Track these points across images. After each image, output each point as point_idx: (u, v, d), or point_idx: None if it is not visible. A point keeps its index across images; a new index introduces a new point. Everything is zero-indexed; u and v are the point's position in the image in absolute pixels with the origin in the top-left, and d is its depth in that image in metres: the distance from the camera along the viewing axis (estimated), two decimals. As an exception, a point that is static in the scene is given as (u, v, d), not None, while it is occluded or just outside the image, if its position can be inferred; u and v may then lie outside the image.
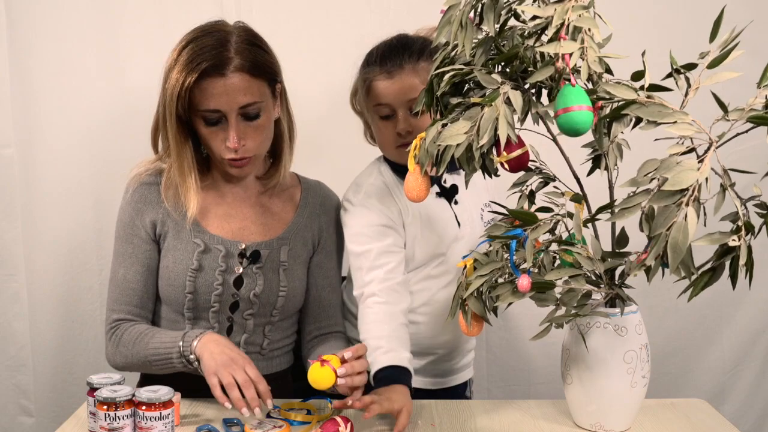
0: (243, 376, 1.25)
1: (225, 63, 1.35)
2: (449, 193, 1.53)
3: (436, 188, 1.51)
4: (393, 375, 1.34)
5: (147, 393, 1.21)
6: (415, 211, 1.49)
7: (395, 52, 1.44)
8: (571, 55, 1.05)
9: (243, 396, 1.24)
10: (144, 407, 1.20)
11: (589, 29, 1.06)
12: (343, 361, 1.25)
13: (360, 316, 1.44)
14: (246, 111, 1.38)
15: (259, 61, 1.39)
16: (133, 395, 1.22)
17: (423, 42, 1.47)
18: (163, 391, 1.22)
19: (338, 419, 1.24)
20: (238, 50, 1.37)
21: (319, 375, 1.24)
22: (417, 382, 1.54)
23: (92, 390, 1.24)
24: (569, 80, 1.05)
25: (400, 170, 1.50)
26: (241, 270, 1.45)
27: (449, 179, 1.53)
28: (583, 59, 1.05)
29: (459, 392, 1.63)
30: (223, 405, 1.24)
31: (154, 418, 1.20)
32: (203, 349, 1.30)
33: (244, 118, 1.39)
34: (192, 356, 1.32)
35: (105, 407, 1.20)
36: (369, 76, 1.46)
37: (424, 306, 1.52)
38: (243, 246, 1.46)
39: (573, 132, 1.06)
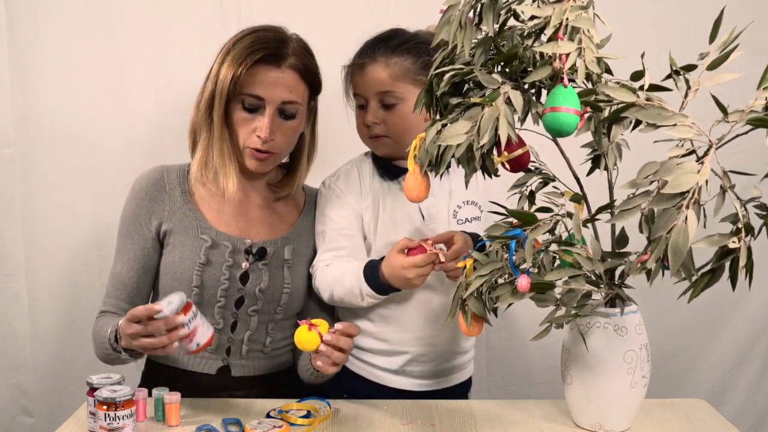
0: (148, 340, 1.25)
1: (282, 56, 1.43)
2: None
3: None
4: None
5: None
6: (375, 196, 1.51)
7: (374, 45, 1.48)
8: (568, 55, 1.04)
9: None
10: (105, 407, 1.20)
11: (588, 30, 1.06)
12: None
13: (321, 279, 1.48)
14: (285, 108, 1.45)
15: (310, 67, 1.48)
16: (133, 395, 1.22)
17: (410, 38, 1.48)
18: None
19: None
20: (295, 51, 1.45)
21: (305, 337, 1.27)
22: (411, 384, 1.54)
23: (92, 390, 1.24)
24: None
25: (381, 158, 1.53)
26: (247, 266, 1.48)
27: None
28: (581, 59, 1.05)
29: (462, 391, 1.61)
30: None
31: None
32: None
33: (281, 114, 1.45)
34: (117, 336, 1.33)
35: (105, 407, 1.20)
36: (351, 64, 1.51)
37: (392, 302, 1.49)
38: (249, 243, 1.49)
39: (556, 132, 1.06)
